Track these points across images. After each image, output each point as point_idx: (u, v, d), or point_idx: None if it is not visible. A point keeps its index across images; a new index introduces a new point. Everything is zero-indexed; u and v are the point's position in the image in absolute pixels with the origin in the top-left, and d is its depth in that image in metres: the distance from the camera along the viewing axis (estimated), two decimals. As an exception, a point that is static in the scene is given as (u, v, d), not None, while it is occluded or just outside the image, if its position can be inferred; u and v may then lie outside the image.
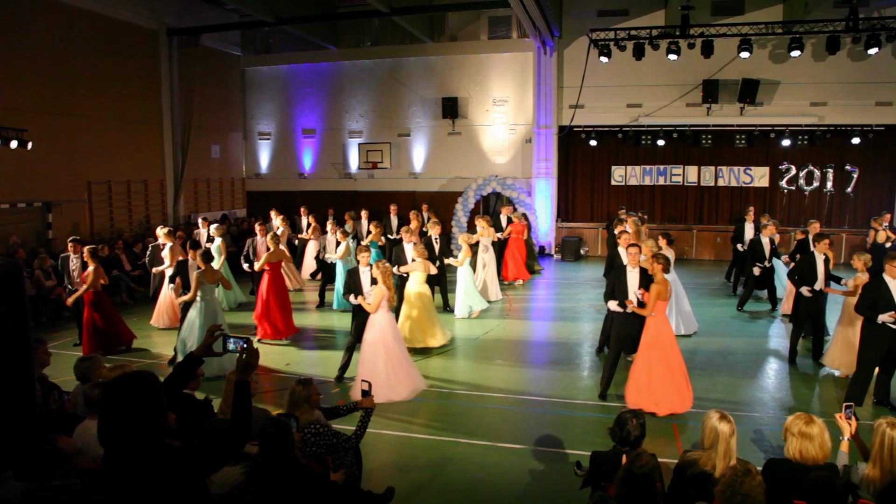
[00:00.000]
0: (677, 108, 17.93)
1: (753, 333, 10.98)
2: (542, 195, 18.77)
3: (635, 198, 18.87)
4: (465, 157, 19.55)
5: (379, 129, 20.22)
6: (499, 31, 19.15)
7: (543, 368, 9.28)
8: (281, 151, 21.20)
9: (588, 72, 17.21)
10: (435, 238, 11.65)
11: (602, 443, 4.62)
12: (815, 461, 4.02)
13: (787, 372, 8.97)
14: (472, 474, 6.11)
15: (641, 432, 4.36)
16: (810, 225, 11.48)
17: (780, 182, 18.18)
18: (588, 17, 17.90)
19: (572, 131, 18.61)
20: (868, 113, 17.05)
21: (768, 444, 6.60)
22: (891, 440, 3.97)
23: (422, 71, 19.67)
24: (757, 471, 3.51)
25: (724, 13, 16.98)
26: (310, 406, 4.96)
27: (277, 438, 3.90)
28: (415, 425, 7.26)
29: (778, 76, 17.29)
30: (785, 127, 17.30)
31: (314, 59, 20.31)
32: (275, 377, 8.76)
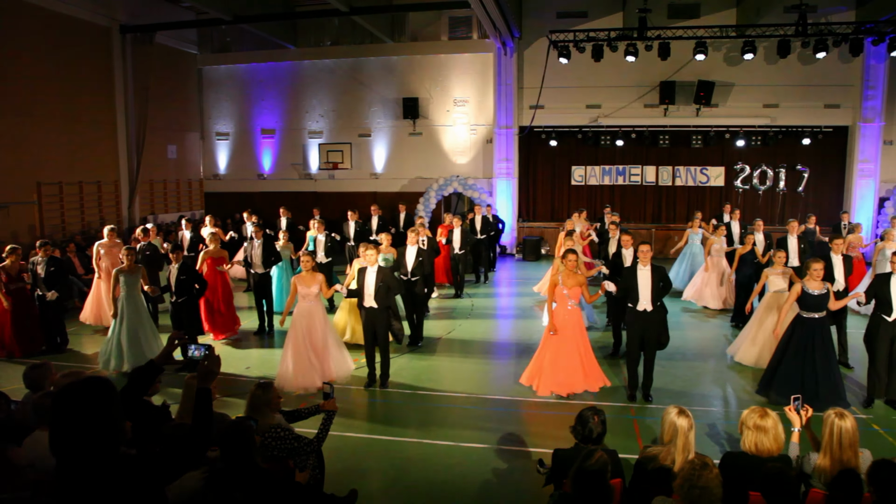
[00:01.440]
0: (635, 109, 18.22)
1: (710, 330, 11.22)
2: (504, 195, 18.86)
3: (595, 198, 19.11)
4: (426, 157, 19.53)
5: (339, 130, 20.06)
6: (459, 31, 19.18)
7: (506, 367, 9.30)
8: (240, 152, 20.86)
9: (548, 73, 17.37)
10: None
11: (564, 440, 4.65)
12: (770, 453, 4.13)
13: (743, 367, 9.17)
14: (435, 475, 6.09)
15: (603, 429, 4.42)
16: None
17: (735, 182, 18.64)
18: (547, 19, 18.06)
19: (533, 132, 18.75)
20: (817, 115, 17.59)
21: (726, 437, 6.73)
22: (839, 430, 4.11)
23: (382, 71, 19.58)
24: (714, 464, 3.58)
25: (680, 16, 17.32)
26: (270, 410, 4.89)
27: (239, 442, 3.82)
28: (377, 427, 7.21)
29: (732, 78, 17.70)
30: (739, 128, 17.73)
31: (273, 58, 20.05)
32: (234, 381, 8.60)
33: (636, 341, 7.78)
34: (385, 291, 8.02)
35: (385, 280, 8.04)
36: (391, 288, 8.11)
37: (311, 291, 8.27)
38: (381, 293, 8.02)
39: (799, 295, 7.47)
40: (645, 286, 7.65)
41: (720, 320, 11.76)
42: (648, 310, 7.65)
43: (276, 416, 4.96)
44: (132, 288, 9.06)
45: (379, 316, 8.09)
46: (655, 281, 7.64)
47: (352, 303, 9.76)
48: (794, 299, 7.54)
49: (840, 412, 4.20)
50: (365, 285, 8.08)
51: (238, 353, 9.96)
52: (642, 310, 7.67)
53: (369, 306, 8.08)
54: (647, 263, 7.73)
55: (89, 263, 13.67)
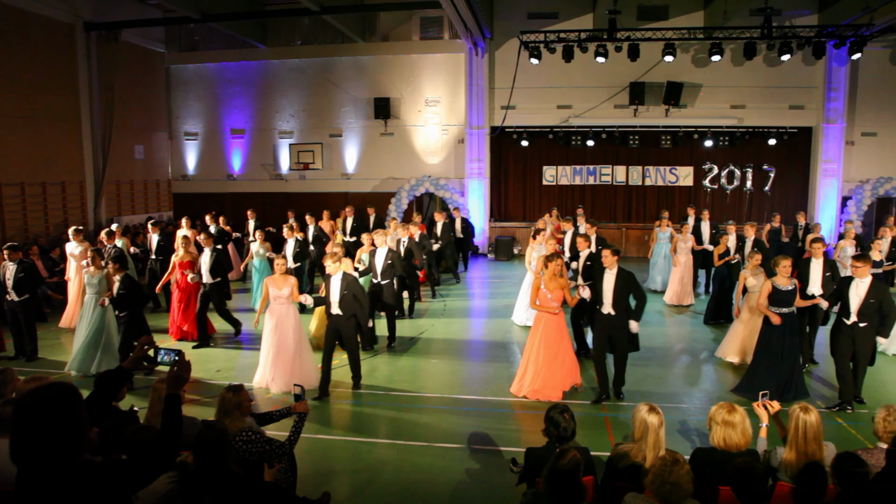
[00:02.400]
0: (606, 110, 18.38)
1: (679, 327, 11.37)
2: (476, 195, 18.89)
3: (566, 197, 19.25)
4: (397, 157, 19.48)
5: (310, 130, 19.91)
6: (430, 31, 19.16)
7: (478, 367, 9.33)
8: (209, 152, 20.58)
9: (519, 73, 17.44)
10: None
11: (537, 439, 4.67)
12: (738, 448, 4.19)
13: (711, 364, 9.30)
14: (408, 476, 6.07)
15: (574, 425, 4.43)
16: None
17: (703, 181, 18.91)
18: (518, 20, 18.13)
19: (504, 132, 18.82)
20: (782, 116, 17.95)
21: (695, 433, 6.81)
22: (804, 424, 4.20)
23: (353, 71, 19.49)
24: (684, 460, 3.62)
25: (649, 18, 17.53)
26: (241, 413, 4.82)
27: (214, 446, 3.74)
28: (349, 429, 7.16)
29: (700, 80, 17.96)
30: (707, 128, 18.00)
31: (242, 57, 19.82)
32: (205, 385, 8.47)
33: (603, 343, 7.82)
34: (351, 299, 7.92)
35: (350, 288, 7.95)
36: (356, 295, 8.01)
37: (282, 294, 8.21)
38: (346, 301, 7.90)
39: (770, 291, 7.60)
40: (608, 290, 7.69)
41: (691, 317, 11.91)
42: (612, 314, 7.68)
43: (246, 420, 4.89)
44: (99, 290, 8.90)
45: (345, 324, 8.00)
46: (618, 285, 7.65)
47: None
48: (766, 296, 7.66)
49: (805, 406, 4.28)
50: (329, 293, 7.99)
51: (209, 356, 9.81)
52: (606, 313, 7.72)
53: (335, 314, 8.00)
54: (612, 267, 7.76)
55: (54, 267, 13.40)
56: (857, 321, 7.27)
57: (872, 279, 7.32)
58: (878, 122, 17.86)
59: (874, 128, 17.91)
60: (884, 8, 14.52)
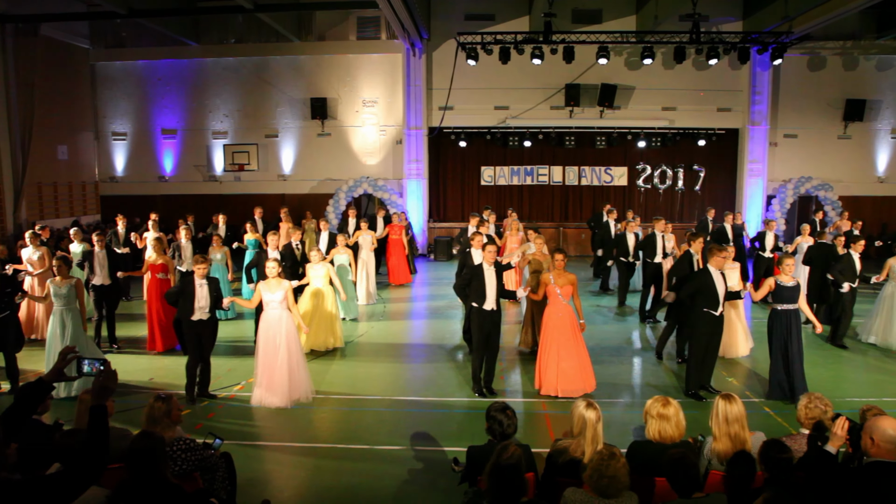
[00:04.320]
0: (542, 111, 18.64)
1: (615, 324, 11.60)
2: (414, 196, 18.85)
3: (504, 197, 19.42)
4: (335, 158, 19.26)
5: (245, 130, 19.47)
6: (367, 31, 19.02)
7: (419, 368, 9.29)
8: (138, 153, 19.86)
9: (456, 74, 17.50)
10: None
11: (478, 437, 4.67)
12: (673, 440, 4.30)
13: (645, 359, 9.53)
14: (349, 479, 5.97)
15: (516, 423, 4.45)
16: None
17: (637, 181, 19.40)
18: (456, 21, 18.19)
19: (442, 132, 18.85)
20: (711, 118, 18.62)
21: (633, 427, 6.93)
22: (726, 412, 4.33)
23: (289, 70, 19.17)
24: (621, 453, 3.68)
25: (584, 21, 17.88)
26: (171, 422, 4.65)
27: (149, 456, 3.56)
28: (287, 434, 7.00)
29: (633, 82, 18.43)
30: (640, 129, 18.49)
31: (173, 55, 19.21)
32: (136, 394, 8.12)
33: (484, 339, 7.83)
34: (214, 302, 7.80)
35: (213, 292, 7.81)
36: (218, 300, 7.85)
37: (275, 298, 7.83)
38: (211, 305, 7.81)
39: (773, 288, 7.72)
40: (491, 286, 7.77)
41: (630, 315, 12.18)
42: (494, 309, 7.80)
43: (177, 429, 4.73)
44: (68, 300, 8.23)
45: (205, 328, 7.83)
46: (499, 280, 7.82)
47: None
48: (766, 292, 7.80)
49: (728, 395, 4.43)
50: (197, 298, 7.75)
51: (142, 363, 9.44)
52: (489, 309, 7.77)
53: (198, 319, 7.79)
54: (490, 262, 7.84)
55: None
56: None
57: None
58: (798, 124, 18.76)
59: (795, 130, 18.80)
60: (801, 17, 15.24)
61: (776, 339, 7.71)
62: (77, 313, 8.23)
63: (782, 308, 7.70)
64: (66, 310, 8.16)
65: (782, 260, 7.78)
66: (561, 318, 7.84)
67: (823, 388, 7.76)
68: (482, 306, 7.76)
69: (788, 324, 7.65)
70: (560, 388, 7.71)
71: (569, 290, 7.85)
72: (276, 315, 7.69)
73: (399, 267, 14.88)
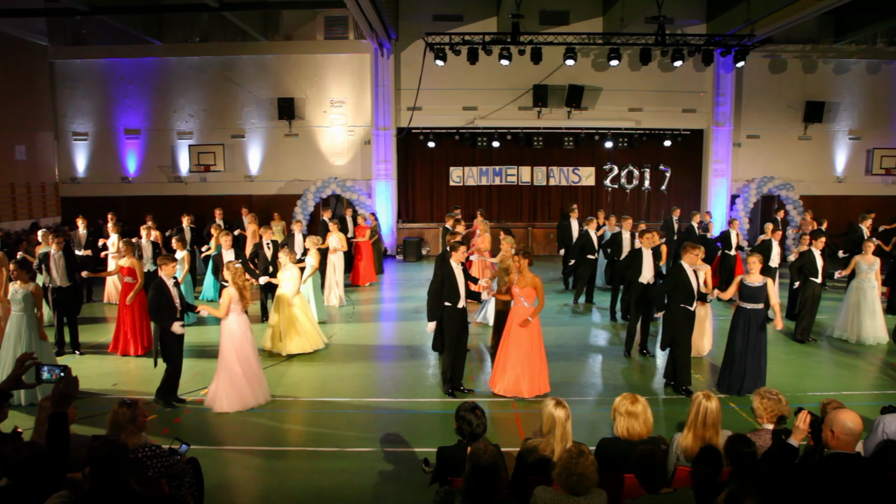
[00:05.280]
0: (510, 112, 18.72)
1: (582, 323, 11.69)
2: (383, 196, 18.78)
3: (473, 198, 19.46)
4: (303, 159, 19.09)
5: (211, 130, 19.19)
6: (335, 31, 18.89)
7: (389, 369, 9.26)
8: (101, 153, 19.42)
9: (425, 75, 17.49)
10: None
11: (448, 438, 4.66)
12: (641, 436, 4.33)
13: (613, 357, 9.62)
14: (318, 482, 5.92)
15: (485, 424, 4.45)
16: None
17: (604, 181, 19.60)
18: (424, 21, 18.18)
19: (411, 133, 18.82)
20: (676, 118, 18.91)
21: (602, 424, 6.99)
22: (705, 410, 4.37)
23: (256, 70, 18.94)
24: (590, 451, 3.70)
25: (551, 23, 18.00)
26: (136, 428, 4.57)
27: (112, 463, 3.46)
28: (256, 438, 6.90)
29: (600, 83, 18.62)
30: (607, 130, 18.69)
31: (136, 53, 18.83)
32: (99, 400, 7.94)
33: (456, 339, 7.84)
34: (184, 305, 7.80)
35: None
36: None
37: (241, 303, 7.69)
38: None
39: (738, 287, 7.83)
40: (462, 285, 7.79)
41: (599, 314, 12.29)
42: (464, 307, 7.84)
43: (142, 435, 4.64)
44: (25, 305, 7.93)
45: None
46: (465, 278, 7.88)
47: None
48: (735, 291, 7.90)
49: (707, 394, 4.47)
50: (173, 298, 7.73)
51: (106, 367, 9.24)
52: (461, 307, 7.81)
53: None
54: (459, 262, 7.84)
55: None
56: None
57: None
58: (760, 125, 19.15)
59: (757, 131, 19.19)
60: (763, 21, 15.55)
61: (738, 336, 7.84)
62: (34, 318, 7.99)
63: (746, 307, 7.82)
64: (23, 315, 7.90)
65: (747, 259, 7.90)
66: (521, 319, 7.81)
67: (787, 384, 7.94)
68: (455, 305, 7.76)
69: (749, 322, 7.79)
70: (514, 389, 7.74)
71: (531, 292, 7.79)
72: (236, 318, 7.61)
73: (366, 268, 14.81)
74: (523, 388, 7.71)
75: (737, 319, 7.93)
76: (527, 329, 7.76)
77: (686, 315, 7.83)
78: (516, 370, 7.73)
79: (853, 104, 19.18)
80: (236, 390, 7.47)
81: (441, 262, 7.95)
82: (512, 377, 7.75)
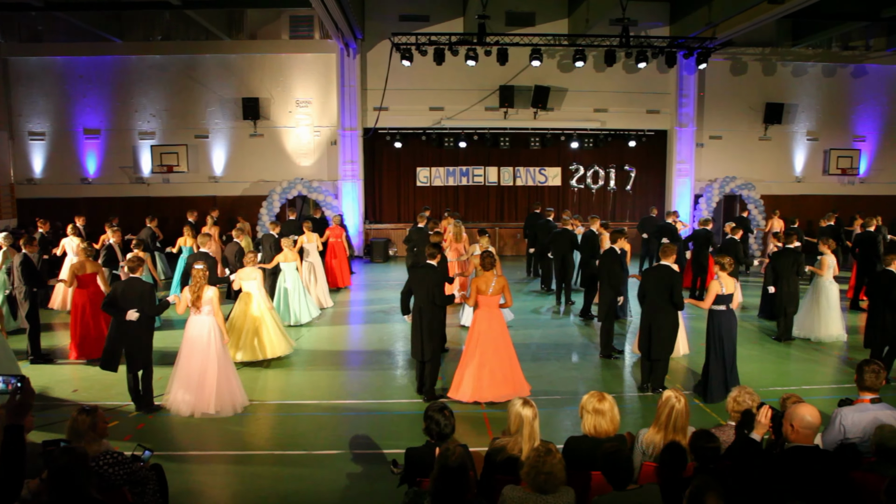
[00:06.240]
0: (477, 112, 18.77)
1: (550, 324, 11.76)
2: (349, 197, 18.67)
3: (440, 198, 19.46)
4: (268, 159, 18.87)
5: (173, 131, 18.85)
6: (301, 30, 18.73)
7: (356, 372, 9.20)
8: (59, 154, 18.93)
9: (391, 75, 17.43)
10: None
11: (417, 439, 4.65)
12: (608, 434, 4.37)
13: (581, 356, 9.70)
14: (286, 486, 5.86)
15: (453, 424, 4.44)
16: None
17: (570, 181, 19.79)
18: (390, 22, 18.12)
19: (377, 133, 18.75)
20: (641, 119, 19.17)
21: (570, 423, 7.04)
22: (677, 412, 4.43)
23: (219, 69, 18.67)
24: (557, 449, 3.73)
25: (517, 24, 18.09)
26: (96, 435, 4.46)
27: (71, 473, 3.37)
28: (222, 443, 6.81)
29: (566, 84, 18.78)
30: (573, 130, 18.86)
31: (95, 51, 18.40)
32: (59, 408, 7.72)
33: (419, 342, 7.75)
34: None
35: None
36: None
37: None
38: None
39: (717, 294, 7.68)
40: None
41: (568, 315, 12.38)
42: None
43: (103, 443, 4.53)
44: None
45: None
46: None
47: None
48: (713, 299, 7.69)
49: (678, 395, 4.52)
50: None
51: (65, 374, 9.00)
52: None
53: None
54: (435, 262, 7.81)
55: None
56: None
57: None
58: (722, 126, 19.52)
59: (719, 131, 19.55)
60: (724, 24, 15.85)
61: (714, 341, 7.75)
62: None
63: (721, 309, 7.76)
64: None
65: (721, 261, 7.70)
66: (489, 322, 7.61)
67: (750, 380, 8.08)
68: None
69: (720, 324, 7.74)
70: (486, 395, 7.53)
71: (497, 294, 7.62)
72: (200, 320, 7.46)
73: (341, 270, 14.69)
74: (506, 392, 7.46)
75: (711, 323, 7.82)
76: (502, 331, 7.67)
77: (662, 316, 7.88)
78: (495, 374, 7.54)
79: (810, 106, 19.67)
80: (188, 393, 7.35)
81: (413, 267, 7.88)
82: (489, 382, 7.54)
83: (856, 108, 19.80)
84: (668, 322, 7.85)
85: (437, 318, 7.84)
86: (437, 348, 7.94)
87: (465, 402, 7.51)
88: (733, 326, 7.76)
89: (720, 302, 7.68)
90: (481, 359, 7.52)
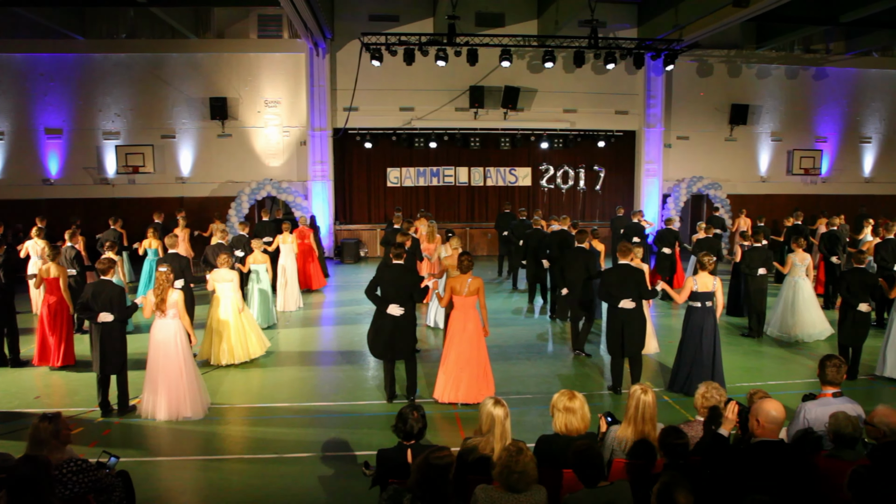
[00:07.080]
0: (447, 112, 18.78)
1: (520, 323, 11.81)
2: (320, 198, 18.55)
3: (411, 199, 19.44)
4: (237, 160, 18.65)
5: (139, 131, 18.51)
6: (269, 30, 18.54)
7: (328, 373, 9.13)
8: (19, 154, 18.44)
9: (361, 75, 17.36)
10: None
11: (388, 440, 4.63)
12: (578, 432, 4.39)
13: (554, 355, 9.76)
14: (257, 490, 5.78)
15: (424, 424, 4.44)
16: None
17: (540, 181, 19.91)
18: (360, 21, 18.04)
19: (347, 134, 18.65)
20: (610, 120, 19.38)
21: (541, 421, 7.07)
22: (644, 404, 4.47)
23: (186, 68, 18.39)
24: (528, 448, 3.74)
25: (487, 24, 18.16)
26: (59, 442, 4.36)
27: (33, 483, 3.27)
28: (190, 448, 6.69)
29: (536, 85, 18.89)
30: (543, 131, 18.98)
31: (57, 48, 17.97)
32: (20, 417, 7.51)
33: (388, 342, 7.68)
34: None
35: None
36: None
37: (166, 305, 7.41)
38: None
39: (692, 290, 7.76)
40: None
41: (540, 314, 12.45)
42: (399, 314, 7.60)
43: (66, 450, 4.43)
44: None
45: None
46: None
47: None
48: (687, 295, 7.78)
49: (645, 388, 4.56)
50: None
51: (25, 380, 8.77)
52: (399, 314, 7.58)
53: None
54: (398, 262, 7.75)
55: None
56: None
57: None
58: (689, 127, 19.84)
59: (686, 132, 19.86)
60: (690, 26, 16.10)
61: (690, 336, 7.82)
62: None
63: (695, 306, 7.81)
64: None
65: (701, 259, 7.78)
66: (464, 323, 7.58)
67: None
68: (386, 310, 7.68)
69: (691, 320, 7.82)
70: (460, 396, 7.53)
71: (472, 295, 7.58)
72: (166, 324, 7.33)
73: (315, 271, 14.57)
74: (476, 394, 7.44)
75: (688, 319, 7.89)
76: (477, 333, 7.62)
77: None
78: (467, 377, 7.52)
79: (774, 107, 20.08)
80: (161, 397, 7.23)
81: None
82: (462, 383, 7.52)
83: (818, 109, 20.28)
84: (638, 317, 7.95)
85: (411, 315, 7.81)
86: (413, 346, 7.91)
87: (444, 402, 7.53)
88: (707, 324, 7.75)
89: (695, 298, 7.75)
90: (457, 360, 7.52)
